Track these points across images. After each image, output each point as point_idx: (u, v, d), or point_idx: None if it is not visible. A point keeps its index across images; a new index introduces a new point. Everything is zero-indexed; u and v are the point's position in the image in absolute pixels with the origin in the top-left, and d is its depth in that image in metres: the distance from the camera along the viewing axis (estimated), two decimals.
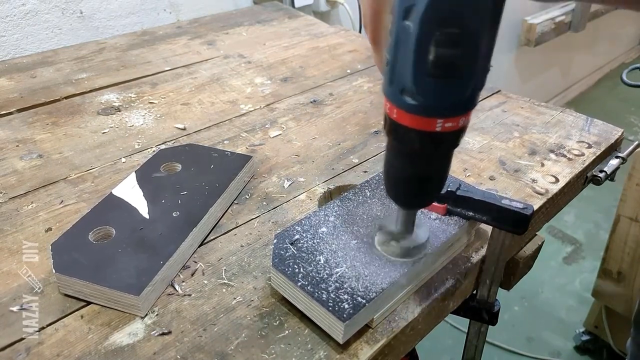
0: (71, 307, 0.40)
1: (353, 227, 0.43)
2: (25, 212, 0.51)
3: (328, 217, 0.44)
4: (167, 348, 0.37)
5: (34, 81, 0.78)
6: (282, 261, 0.39)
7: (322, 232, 0.42)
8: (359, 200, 0.46)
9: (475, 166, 0.58)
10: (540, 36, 2.14)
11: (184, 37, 0.95)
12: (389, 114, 0.31)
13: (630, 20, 3.12)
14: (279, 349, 0.37)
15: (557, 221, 1.92)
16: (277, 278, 0.39)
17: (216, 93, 0.75)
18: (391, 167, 0.35)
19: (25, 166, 0.58)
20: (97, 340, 0.38)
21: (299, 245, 0.41)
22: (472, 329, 0.56)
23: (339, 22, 1.35)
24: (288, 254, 0.40)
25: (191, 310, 0.40)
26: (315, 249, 0.40)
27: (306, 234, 0.42)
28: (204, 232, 0.47)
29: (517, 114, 0.69)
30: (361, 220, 0.44)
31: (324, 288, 0.37)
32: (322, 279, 0.38)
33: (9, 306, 0.41)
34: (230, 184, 0.51)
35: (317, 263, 0.39)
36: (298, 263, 0.39)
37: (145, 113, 0.70)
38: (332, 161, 0.59)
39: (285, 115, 0.69)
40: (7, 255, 0.46)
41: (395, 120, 0.31)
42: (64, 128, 0.66)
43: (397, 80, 0.29)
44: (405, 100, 0.29)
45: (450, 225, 0.43)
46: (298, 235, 0.42)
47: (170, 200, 0.49)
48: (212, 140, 0.63)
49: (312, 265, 0.39)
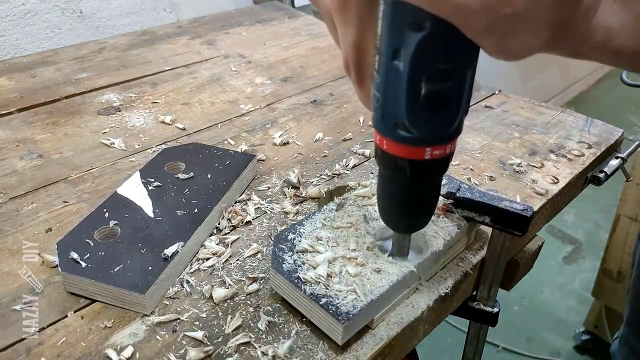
0: (72, 307, 0.40)
1: (352, 228, 0.43)
2: (26, 213, 0.51)
3: (328, 219, 0.44)
4: (168, 348, 0.37)
5: (34, 81, 0.78)
6: (281, 262, 0.39)
7: (321, 233, 0.42)
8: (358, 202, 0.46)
9: (475, 166, 0.58)
10: None
11: (184, 36, 0.95)
12: (379, 145, 0.32)
13: None
14: (279, 348, 0.37)
15: (557, 221, 1.92)
16: (276, 279, 0.39)
17: (216, 93, 0.75)
18: (383, 194, 0.36)
19: (26, 166, 0.58)
20: (98, 341, 0.38)
21: (297, 247, 0.41)
22: (472, 329, 0.56)
23: None
24: (287, 255, 0.40)
25: (193, 309, 0.40)
26: (314, 250, 0.40)
27: (305, 235, 0.42)
28: (208, 230, 0.47)
29: (517, 114, 0.69)
30: (360, 222, 0.44)
31: (323, 290, 0.37)
32: (321, 282, 0.37)
33: (9, 307, 0.41)
34: (234, 183, 0.51)
35: (315, 265, 0.39)
36: (297, 264, 0.39)
37: (145, 113, 0.70)
38: (332, 161, 0.59)
39: (285, 115, 0.69)
40: (8, 255, 0.46)
41: (386, 151, 0.32)
42: (64, 128, 0.66)
43: (389, 115, 0.30)
44: (398, 133, 0.30)
45: (450, 226, 0.43)
46: (297, 237, 0.42)
47: (175, 198, 0.49)
48: (212, 140, 0.63)
49: (310, 267, 0.39)
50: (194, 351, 0.36)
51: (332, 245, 0.41)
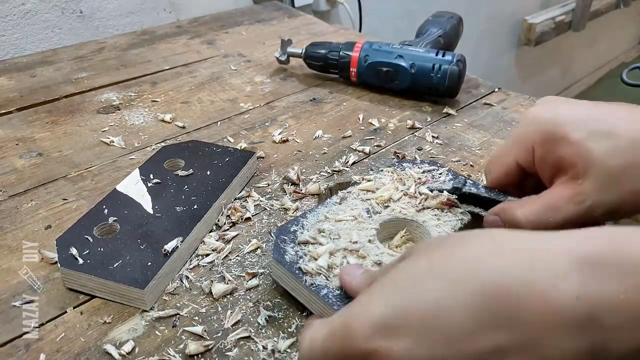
0: (71, 303, 0.40)
1: (355, 221, 0.43)
2: (25, 210, 0.51)
3: (330, 212, 0.44)
4: (167, 343, 0.37)
5: (33, 80, 0.78)
6: (282, 254, 0.39)
7: (323, 226, 0.42)
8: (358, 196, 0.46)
9: (475, 162, 0.58)
10: (540, 36, 2.14)
11: (184, 36, 0.96)
12: None
13: (630, 20, 3.12)
14: (280, 342, 0.37)
15: None
16: (278, 270, 0.39)
17: (216, 92, 0.75)
18: None
19: (25, 164, 0.58)
20: (97, 336, 0.38)
21: (299, 238, 0.41)
22: None
23: (339, 22, 1.36)
24: (289, 247, 0.40)
25: (192, 304, 0.40)
26: (316, 242, 0.40)
27: (308, 227, 0.42)
28: (207, 226, 0.47)
29: (517, 111, 0.69)
30: (363, 215, 0.44)
31: (324, 282, 0.37)
32: (322, 273, 0.37)
33: (8, 303, 0.40)
34: (233, 179, 0.51)
35: (317, 256, 0.39)
36: (298, 255, 0.39)
37: (145, 111, 0.70)
38: (332, 158, 0.59)
39: (285, 113, 0.69)
40: (7, 252, 0.46)
41: None
42: (64, 127, 0.66)
43: None
44: None
45: (454, 220, 0.43)
46: (299, 229, 0.42)
47: (174, 195, 0.49)
48: (212, 138, 0.63)
49: (311, 258, 0.39)
50: (194, 345, 0.36)
51: (334, 238, 0.41)
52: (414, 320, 0.24)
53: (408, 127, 0.65)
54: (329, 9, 1.30)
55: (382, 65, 0.70)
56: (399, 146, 0.61)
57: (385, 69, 0.70)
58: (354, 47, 0.73)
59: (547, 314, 0.22)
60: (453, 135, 0.63)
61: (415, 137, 0.63)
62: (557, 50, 2.48)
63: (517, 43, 2.22)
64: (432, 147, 0.61)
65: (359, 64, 0.72)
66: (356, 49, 0.72)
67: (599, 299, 0.21)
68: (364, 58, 0.72)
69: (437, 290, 0.24)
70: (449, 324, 0.23)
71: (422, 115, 0.68)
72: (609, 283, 0.22)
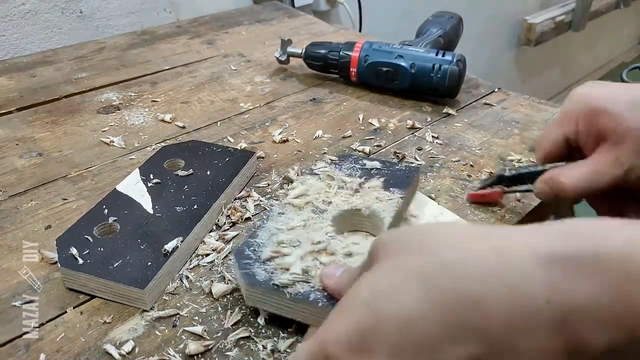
0: (71, 303, 0.40)
1: (308, 224, 0.43)
2: (25, 210, 0.51)
3: (280, 223, 0.43)
4: (167, 343, 0.37)
5: (33, 80, 0.78)
6: (253, 276, 0.37)
7: (279, 239, 0.40)
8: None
9: (475, 162, 0.58)
10: (540, 36, 2.14)
11: (184, 36, 0.96)
12: None
13: (630, 20, 3.12)
14: (279, 342, 0.37)
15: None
16: (254, 294, 0.37)
17: (216, 92, 0.75)
18: None
19: (25, 164, 0.58)
20: (97, 336, 0.38)
21: (262, 257, 0.39)
22: None
23: (339, 22, 1.36)
24: (256, 268, 0.38)
25: (192, 304, 0.40)
26: (280, 254, 0.39)
27: (265, 244, 0.40)
28: (207, 226, 0.47)
29: (517, 111, 0.69)
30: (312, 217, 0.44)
31: (307, 287, 0.36)
32: (300, 280, 0.36)
33: (8, 303, 0.41)
34: (233, 179, 0.51)
35: (288, 267, 0.37)
36: (269, 272, 0.37)
37: (144, 111, 0.70)
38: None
39: (285, 113, 0.69)
40: (7, 252, 0.46)
41: None
42: (64, 127, 0.66)
43: None
44: None
45: (394, 200, 0.45)
46: (256, 248, 0.40)
47: (174, 195, 0.49)
48: (212, 138, 0.63)
49: (283, 270, 0.37)
50: (194, 345, 0.36)
51: (296, 245, 0.40)
52: (384, 337, 0.23)
53: (408, 127, 0.65)
54: (329, 9, 1.30)
55: (382, 65, 0.70)
56: (399, 146, 0.61)
57: (385, 69, 0.70)
58: (354, 47, 0.73)
59: (515, 320, 0.21)
60: (453, 135, 0.63)
61: (415, 137, 0.63)
62: (557, 50, 2.48)
63: (517, 43, 2.22)
64: (432, 147, 0.61)
65: (359, 64, 0.72)
66: (356, 49, 0.72)
67: (570, 300, 0.21)
68: (364, 58, 0.72)
69: (404, 303, 0.23)
70: (421, 337, 0.23)
71: (422, 115, 0.68)
72: (577, 282, 0.21)
